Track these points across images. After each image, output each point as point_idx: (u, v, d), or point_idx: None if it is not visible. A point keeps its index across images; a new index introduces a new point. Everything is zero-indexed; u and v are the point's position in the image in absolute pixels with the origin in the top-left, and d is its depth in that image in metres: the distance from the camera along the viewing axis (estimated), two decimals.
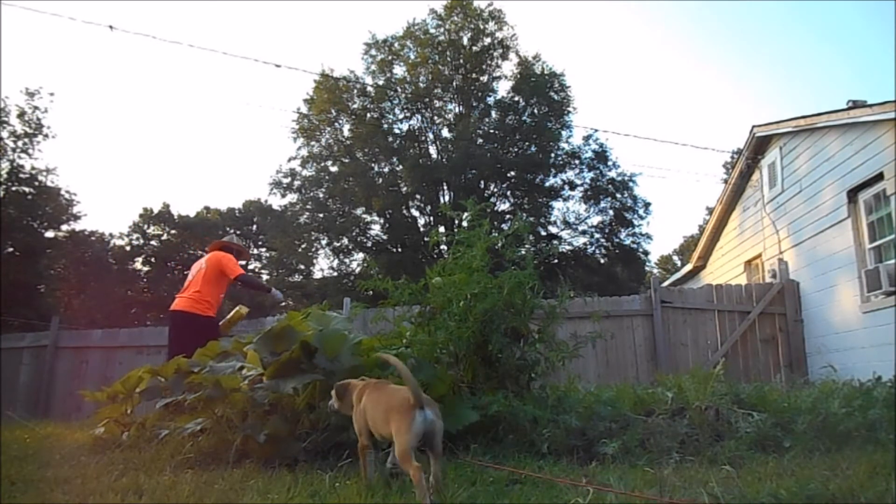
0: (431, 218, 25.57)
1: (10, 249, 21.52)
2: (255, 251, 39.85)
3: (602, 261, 26.70)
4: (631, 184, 25.85)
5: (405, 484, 2.48)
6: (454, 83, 26.24)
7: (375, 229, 26.81)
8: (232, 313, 5.60)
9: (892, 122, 6.28)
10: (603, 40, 60.09)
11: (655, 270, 35.71)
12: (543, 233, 25.55)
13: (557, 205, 27.05)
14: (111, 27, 12.32)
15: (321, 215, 25.99)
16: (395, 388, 2.49)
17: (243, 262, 5.88)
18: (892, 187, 6.32)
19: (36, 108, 22.32)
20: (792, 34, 57.99)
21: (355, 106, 26.11)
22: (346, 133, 26.58)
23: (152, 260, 36.20)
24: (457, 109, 26.54)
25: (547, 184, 26.29)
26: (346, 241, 26.26)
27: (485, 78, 26.66)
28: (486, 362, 3.87)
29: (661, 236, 72.54)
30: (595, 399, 3.84)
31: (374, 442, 2.53)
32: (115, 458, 3.39)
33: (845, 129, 7.33)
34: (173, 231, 37.16)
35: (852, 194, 7.17)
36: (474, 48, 26.20)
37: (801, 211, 8.41)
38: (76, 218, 26.16)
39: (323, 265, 28.67)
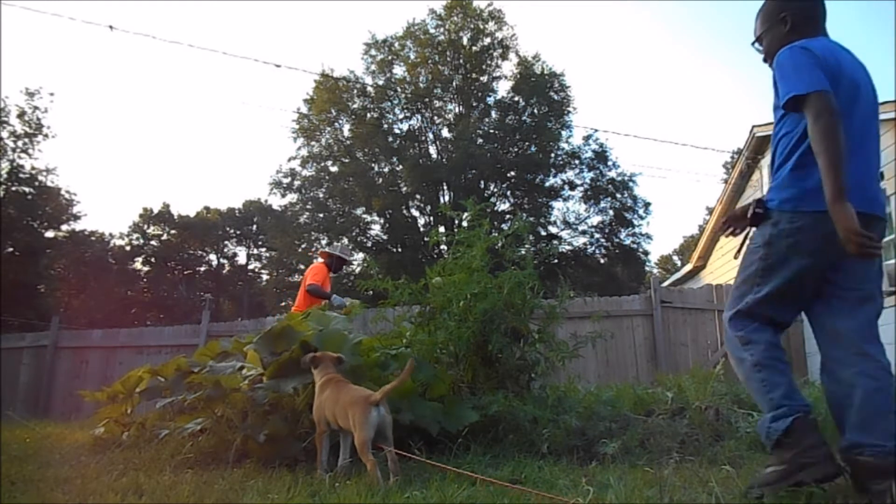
0: (431, 218, 25.55)
1: (10, 249, 21.54)
2: (255, 251, 39.93)
3: (602, 261, 26.71)
4: (631, 184, 25.88)
5: (405, 484, 2.49)
6: (454, 83, 26.22)
7: (375, 229, 26.81)
8: (342, 310, 5.76)
9: (892, 122, 6.27)
10: (603, 40, 60.16)
11: (655, 270, 35.71)
12: (543, 233, 25.54)
13: (557, 205, 27.08)
14: (111, 27, 12.38)
15: (321, 215, 25.99)
16: (353, 387, 2.81)
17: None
18: (893, 187, 6.32)
19: (36, 108, 22.39)
20: None
21: (355, 106, 26.08)
22: (346, 133, 26.56)
23: (152, 260, 36.28)
24: (457, 109, 26.52)
25: (547, 184, 26.28)
26: (346, 241, 26.26)
27: (485, 78, 26.63)
28: (486, 362, 3.87)
29: (661, 236, 72.66)
30: (595, 399, 3.83)
31: (330, 430, 2.85)
32: (115, 458, 3.39)
33: None
34: (173, 231, 37.24)
35: None
36: (474, 48, 26.17)
37: None
38: (76, 218, 26.25)
39: None
